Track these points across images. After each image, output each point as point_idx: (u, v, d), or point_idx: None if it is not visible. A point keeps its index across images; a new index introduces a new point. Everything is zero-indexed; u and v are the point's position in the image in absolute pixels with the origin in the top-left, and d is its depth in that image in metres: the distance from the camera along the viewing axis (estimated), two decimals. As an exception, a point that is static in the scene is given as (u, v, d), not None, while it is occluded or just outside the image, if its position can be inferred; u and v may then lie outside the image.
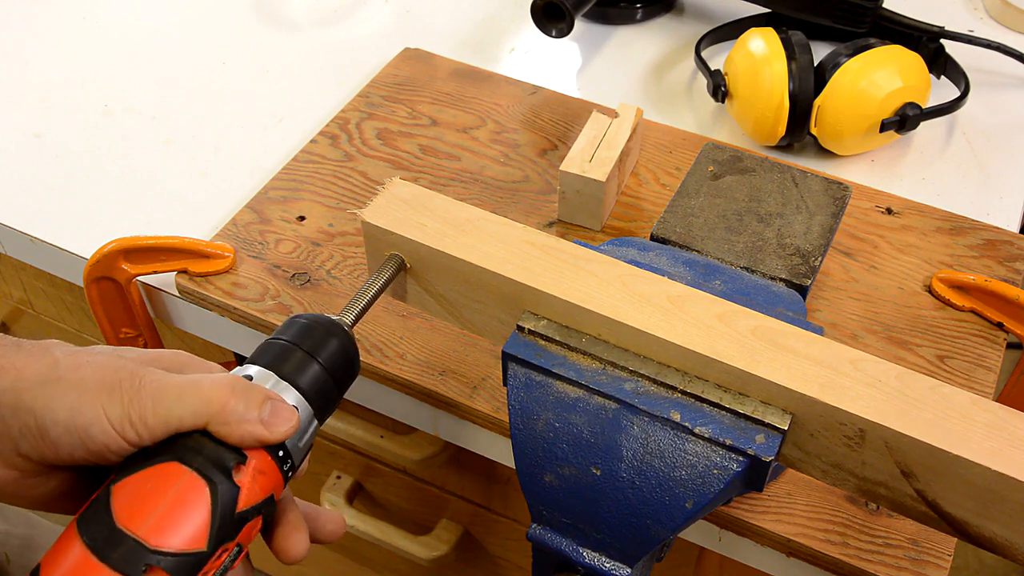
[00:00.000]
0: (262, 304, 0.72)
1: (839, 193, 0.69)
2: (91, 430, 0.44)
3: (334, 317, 0.52)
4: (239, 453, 0.45)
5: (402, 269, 0.57)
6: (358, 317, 0.54)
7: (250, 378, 0.47)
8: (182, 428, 0.45)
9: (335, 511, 0.54)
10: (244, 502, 0.44)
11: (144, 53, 0.97)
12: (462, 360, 0.68)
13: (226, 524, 0.43)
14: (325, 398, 0.49)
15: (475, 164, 0.82)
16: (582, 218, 0.76)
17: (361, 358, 0.68)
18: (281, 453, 0.46)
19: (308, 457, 0.50)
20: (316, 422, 0.49)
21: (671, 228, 0.67)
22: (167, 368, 0.48)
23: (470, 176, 0.81)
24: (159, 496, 0.42)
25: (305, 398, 0.48)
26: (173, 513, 0.42)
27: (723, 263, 0.64)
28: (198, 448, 0.44)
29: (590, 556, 0.52)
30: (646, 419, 0.50)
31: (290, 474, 0.47)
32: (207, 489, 0.43)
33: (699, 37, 0.93)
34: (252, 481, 0.45)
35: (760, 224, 0.67)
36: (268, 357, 0.49)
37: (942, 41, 0.90)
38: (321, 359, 0.49)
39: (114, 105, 0.91)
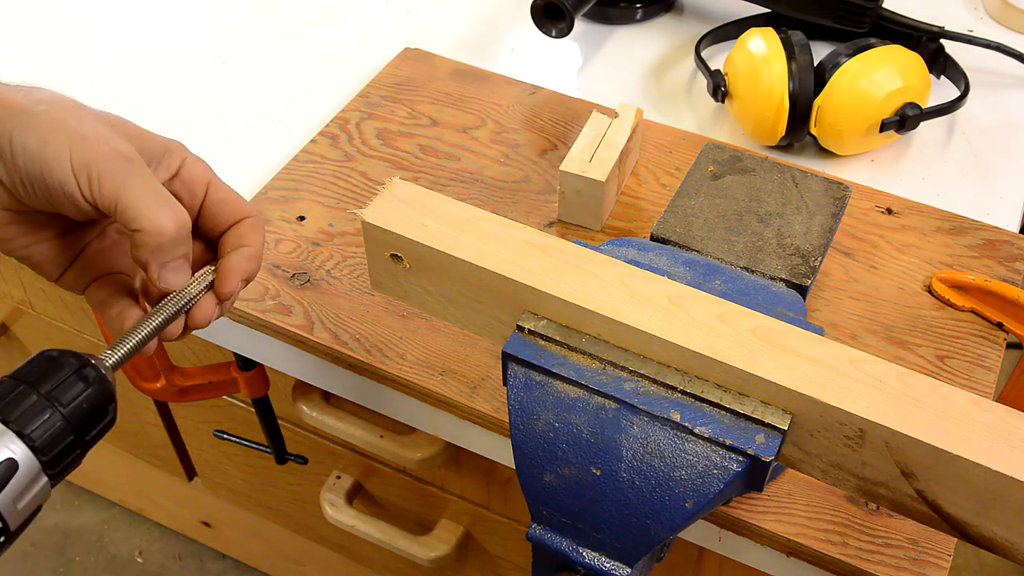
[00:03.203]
0: (262, 304, 0.72)
1: (839, 193, 0.69)
2: (52, 163, 0.45)
3: (93, 356, 0.45)
4: None
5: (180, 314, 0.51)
6: (125, 358, 0.47)
7: None
8: (119, 218, 0.46)
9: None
10: None
11: (144, 53, 0.97)
12: (462, 360, 0.68)
13: None
14: (62, 451, 0.42)
15: (475, 164, 0.82)
16: (582, 218, 0.76)
17: (361, 358, 0.68)
18: None
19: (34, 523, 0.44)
20: (46, 479, 0.41)
21: (671, 228, 0.67)
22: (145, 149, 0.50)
23: (470, 176, 0.81)
24: None
25: (32, 449, 0.41)
26: None
27: (723, 263, 0.64)
28: None
29: (590, 556, 0.52)
30: (646, 419, 0.50)
31: (2, 540, 0.40)
32: None
33: (699, 37, 0.93)
34: None
35: (760, 224, 0.67)
36: None
37: (942, 41, 0.90)
38: (61, 404, 0.42)
39: (114, 105, 0.91)
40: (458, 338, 0.70)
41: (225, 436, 1.03)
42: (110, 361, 0.46)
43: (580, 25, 1.00)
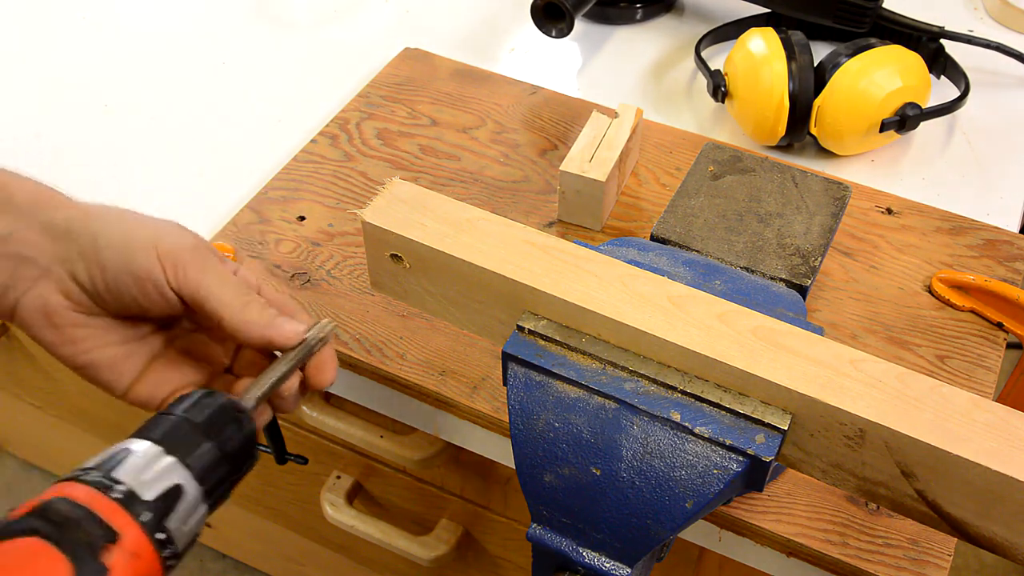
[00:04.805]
0: (262, 304, 0.72)
1: (839, 193, 0.69)
2: (140, 253, 0.48)
3: (235, 399, 0.49)
4: (108, 531, 0.40)
5: (307, 359, 0.53)
6: (260, 400, 0.50)
7: (128, 451, 0.44)
8: (202, 304, 0.49)
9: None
10: None
11: (144, 53, 0.97)
12: (462, 360, 0.68)
13: None
14: (217, 482, 0.46)
15: (475, 164, 0.82)
16: (582, 218, 0.76)
17: (362, 358, 0.69)
18: (162, 536, 0.42)
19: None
20: (205, 506, 0.45)
21: (671, 228, 0.67)
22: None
23: (470, 176, 0.81)
24: (13, 574, 0.38)
25: (196, 479, 0.45)
26: None
27: (723, 263, 0.64)
28: (61, 522, 0.39)
29: (590, 556, 0.52)
30: (646, 419, 0.50)
31: (171, 563, 0.43)
32: (71, 570, 0.38)
33: (699, 37, 0.93)
34: (125, 566, 0.40)
35: (760, 224, 0.67)
36: (156, 431, 0.45)
37: (942, 41, 0.90)
38: (209, 432, 0.46)
39: (114, 105, 0.91)
40: (458, 338, 0.70)
41: (225, 436, 1.03)
42: (250, 404, 0.50)
43: (580, 25, 1.00)
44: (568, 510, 0.52)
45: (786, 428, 0.49)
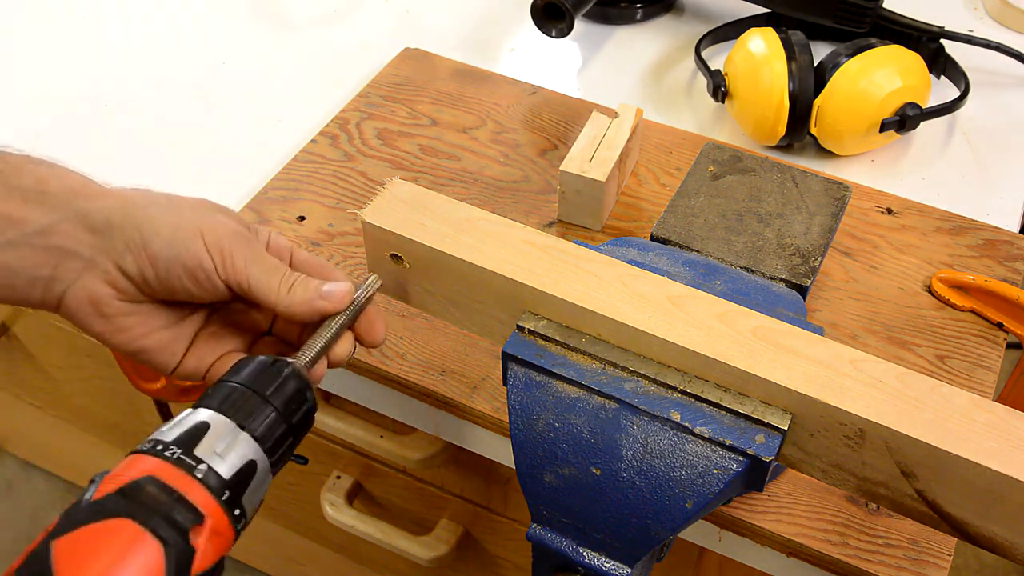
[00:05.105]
0: (262, 304, 0.72)
1: (839, 193, 0.69)
2: (189, 244, 0.50)
3: (289, 359, 0.50)
4: (195, 512, 0.41)
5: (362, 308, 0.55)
6: (314, 360, 0.51)
7: (206, 426, 0.44)
8: (249, 292, 0.51)
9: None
10: (198, 567, 0.40)
11: (144, 53, 0.97)
12: (462, 360, 0.68)
13: None
14: (281, 448, 0.47)
15: (475, 164, 0.82)
16: (582, 218, 0.76)
17: (361, 358, 0.68)
18: (237, 512, 0.43)
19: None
20: (270, 476, 0.46)
21: (671, 228, 0.67)
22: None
23: (470, 176, 0.81)
24: (109, 559, 0.38)
25: (265, 451, 0.46)
26: None
27: (723, 263, 0.64)
28: (152, 505, 0.40)
29: (590, 556, 0.52)
30: (646, 419, 0.50)
31: (240, 532, 0.44)
32: (162, 553, 0.39)
33: (699, 37, 0.93)
34: (207, 543, 0.41)
35: (760, 224, 0.67)
36: (226, 403, 0.46)
37: (942, 41, 0.90)
38: (277, 404, 0.47)
39: (114, 105, 0.91)
40: (458, 338, 0.70)
41: (225, 436, 1.03)
42: (302, 361, 0.50)
43: (580, 25, 1.00)
44: (568, 510, 0.52)
45: (786, 428, 0.49)
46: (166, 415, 1.19)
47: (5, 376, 1.34)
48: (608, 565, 0.52)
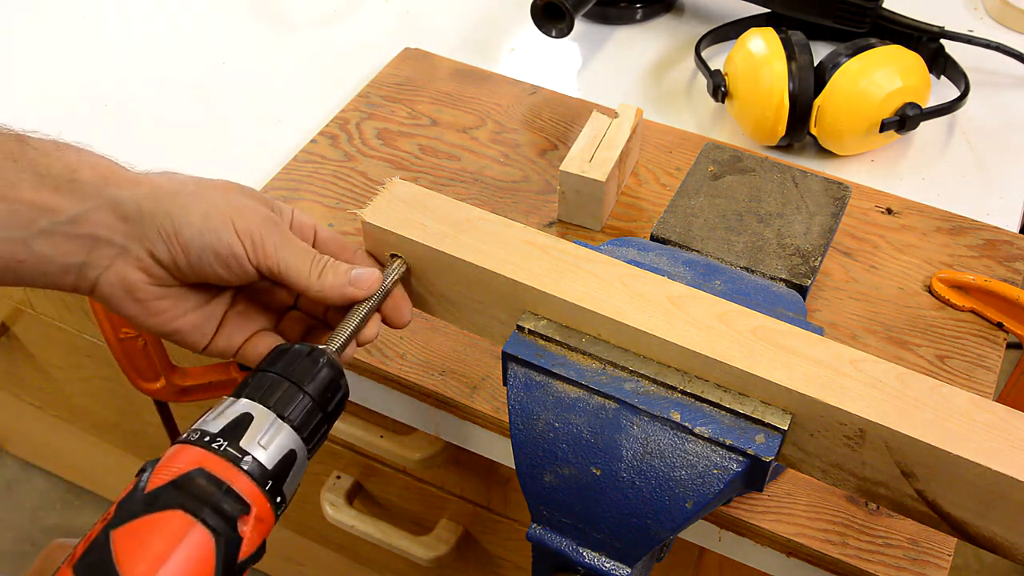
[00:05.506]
0: (262, 304, 0.72)
1: (839, 193, 0.69)
2: (220, 231, 0.50)
3: (322, 347, 0.51)
4: (242, 502, 0.44)
5: (387, 295, 0.56)
6: (344, 345, 0.52)
7: (249, 417, 0.46)
8: (280, 277, 0.52)
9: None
10: (244, 553, 0.43)
11: (144, 53, 0.97)
12: (462, 360, 0.68)
13: None
14: (317, 436, 0.49)
15: (475, 164, 0.82)
16: (582, 218, 0.76)
17: (361, 358, 0.68)
18: (278, 499, 0.46)
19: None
20: (307, 463, 0.49)
21: (671, 228, 0.67)
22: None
23: (470, 176, 0.81)
24: (165, 548, 0.41)
25: (303, 440, 0.48)
26: (180, 567, 0.41)
27: (723, 263, 0.64)
28: (202, 497, 0.43)
29: (590, 556, 0.52)
30: (646, 419, 0.50)
31: (279, 517, 0.47)
32: (213, 542, 0.42)
33: (699, 37, 0.93)
34: (252, 531, 0.44)
35: (760, 224, 0.67)
36: (266, 393, 0.48)
37: (942, 41, 0.90)
38: (314, 394, 0.48)
39: (114, 105, 0.91)
40: (458, 338, 0.70)
41: (225, 436, 1.03)
42: (334, 347, 0.51)
43: (580, 25, 1.00)
44: (568, 510, 0.52)
45: (786, 428, 0.49)
46: (166, 415, 1.19)
47: (5, 376, 1.34)
48: (608, 565, 0.52)
